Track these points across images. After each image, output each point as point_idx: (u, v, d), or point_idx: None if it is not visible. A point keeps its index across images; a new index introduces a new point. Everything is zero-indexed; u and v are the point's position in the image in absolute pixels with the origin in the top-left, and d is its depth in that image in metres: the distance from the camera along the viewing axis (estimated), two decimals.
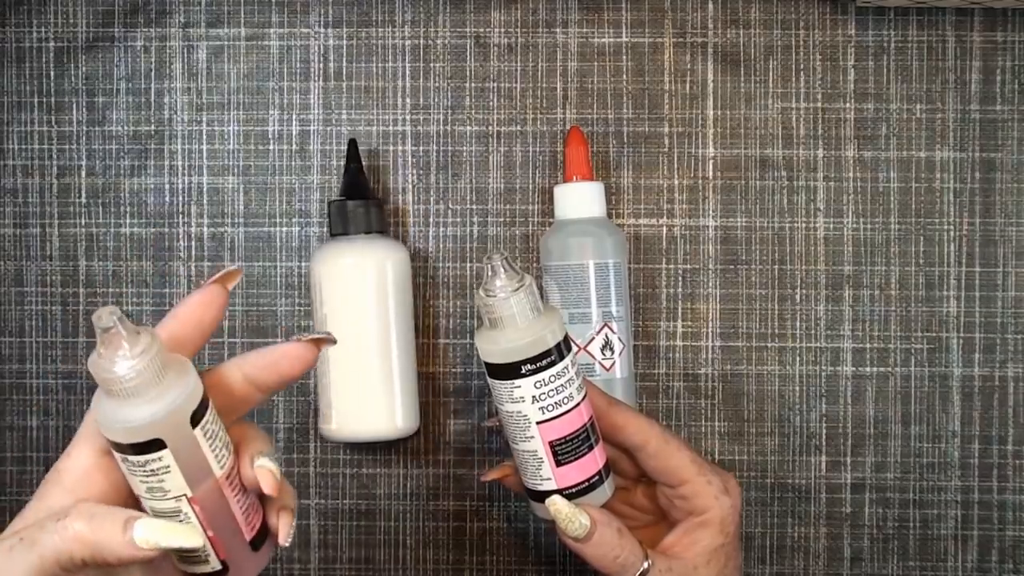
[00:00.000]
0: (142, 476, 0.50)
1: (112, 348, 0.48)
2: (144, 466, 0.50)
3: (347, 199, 0.73)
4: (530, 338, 0.59)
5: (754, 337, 0.77)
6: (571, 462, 0.62)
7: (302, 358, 0.54)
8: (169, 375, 0.49)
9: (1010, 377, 0.76)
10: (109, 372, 0.48)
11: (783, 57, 0.77)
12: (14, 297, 0.78)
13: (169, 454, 0.50)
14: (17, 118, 0.78)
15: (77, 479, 0.52)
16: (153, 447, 0.49)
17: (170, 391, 0.49)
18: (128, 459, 0.50)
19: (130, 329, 0.48)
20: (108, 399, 0.49)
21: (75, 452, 0.52)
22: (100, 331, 0.48)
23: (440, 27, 0.78)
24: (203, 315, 0.53)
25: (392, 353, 0.72)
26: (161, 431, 0.49)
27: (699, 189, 0.77)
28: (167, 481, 0.50)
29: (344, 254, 0.72)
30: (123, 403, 0.49)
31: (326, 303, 0.72)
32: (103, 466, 0.52)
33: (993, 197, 0.76)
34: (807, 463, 0.77)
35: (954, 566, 0.77)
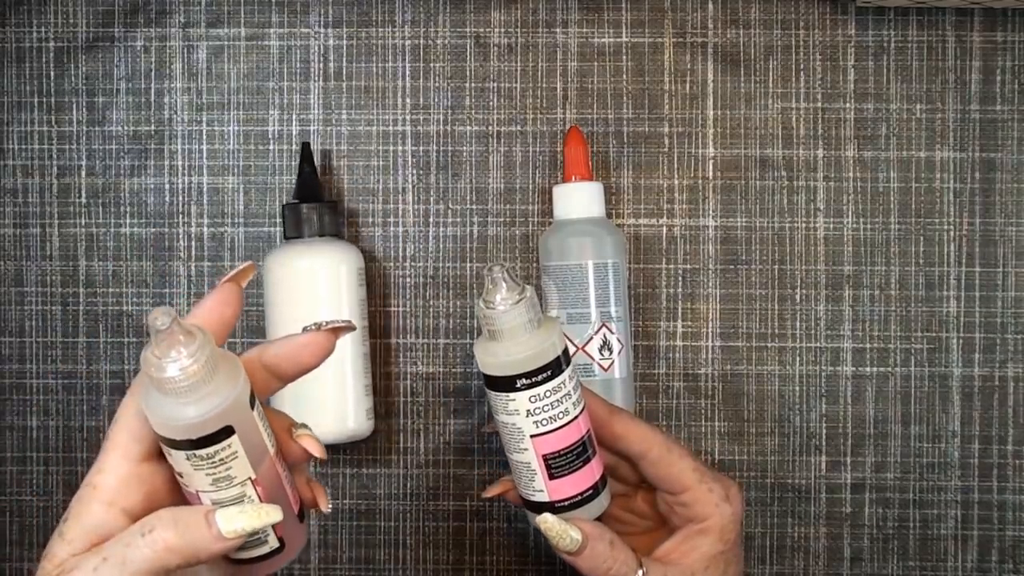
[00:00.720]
0: (208, 468, 0.51)
1: (169, 347, 0.49)
2: (212, 457, 0.51)
3: (301, 202, 0.74)
4: (528, 352, 0.59)
5: (754, 337, 0.77)
6: (565, 476, 0.61)
7: (321, 346, 0.55)
8: (222, 365, 0.50)
9: (1010, 377, 0.76)
10: (172, 371, 0.49)
11: (783, 57, 0.77)
12: (14, 297, 0.78)
13: (237, 439, 0.51)
14: (17, 118, 0.78)
15: (115, 491, 0.52)
16: (223, 435, 0.50)
17: (229, 379, 0.50)
18: (195, 454, 0.51)
19: (184, 328, 0.49)
20: (167, 400, 0.50)
21: (108, 465, 0.52)
22: (156, 332, 0.49)
23: (440, 27, 0.78)
24: (222, 313, 0.54)
25: (345, 355, 0.72)
26: (230, 418, 0.50)
27: (699, 189, 0.77)
28: (234, 467, 0.51)
29: (298, 257, 0.72)
30: (186, 399, 0.49)
31: (280, 305, 0.72)
32: (140, 474, 0.52)
33: (993, 197, 0.76)
34: (807, 463, 0.77)
35: (954, 566, 0.77)
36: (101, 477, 0.52)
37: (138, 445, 0.52)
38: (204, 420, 0.50)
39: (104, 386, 0.78)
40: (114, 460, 0.52)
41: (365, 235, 0.78)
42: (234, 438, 0.51)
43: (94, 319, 0.78)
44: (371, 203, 0.78)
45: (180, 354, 0.49)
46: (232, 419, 0.50)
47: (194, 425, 0.50)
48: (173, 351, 0.49)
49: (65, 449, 0.78)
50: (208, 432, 0.50)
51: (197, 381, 0.49)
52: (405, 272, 0.78)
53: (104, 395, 0.78)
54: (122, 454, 0.52)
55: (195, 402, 0.49)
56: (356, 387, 0.73)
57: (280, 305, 0.72)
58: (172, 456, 0.51)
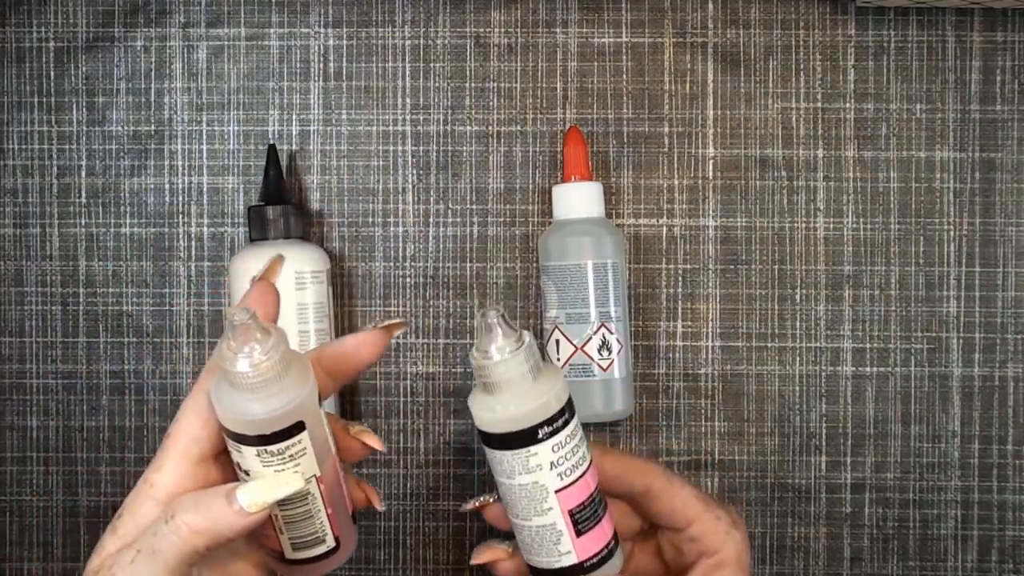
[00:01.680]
0: (278, 465, 0.51)
1: (245, 342, 0.50)
2: (283, 453, 0.51)
3: (266, 204, 0.74)
4: (539, 401, 0.54)
5: (754, 337, 0.77)
6: (590, 529, 0.57)
7: (376, 344, 0.55)
8: (295, 366, 0.51)
9: (1010, 377, 0.76)
10: (247, 365, 0.49)
11: (783, 57, 0.77)
12: (14, 297, 0.78)
13: (307, 436, 0.51)
14: (17, 118, 0.78)
15: (171, 490, 0.52)
16: (295, 431, 0.51)
17: (302, 376, 0.51)
18: (266, 450, 0.51)
19: (261, 325, 0.50)
20: (240, 395, 0.50)
21: (166, 465, 0.52)
22: (233, 327, 0.49)
23: (440, 27, 0.78)
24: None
25: None
26: (302, 414, 0.51)
27: (699, 189, 0.77)
28: (302, 464, 0.52)
29: (262, 259, 0.72)
30: (261, 395, 0.50)
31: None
32: (197, 475, 0.53)
33: (993, 197, 0.76)
34: (807, 463, 0.77)
35: (954, 566, 0.77)
36: (158, 475, 0.52)
37: (197, 446, 0.52)
38: (278, 415, 0.50)
39: (104, 386, 0.78)
40: (172, 459, 0.52)
41: (365, 235, 0.78)
42: (304, 434, 0.51)
43: (94, 319, 0.78)
44: (371, 203, 0.78)
45: (256, 349, 0.50)
46: (304, 415, 0.51)
47: (268, 420, 0.50)
48: (248, 346, 0.50)
49: (65, 449, 0.78)
50: (281, 427, 0.51)
51: (273, 376, 0.50)
52: (405, 272, 0.78)
53: (104, 395, 0.78)
54: (181, 453, 0.52)
55: (269, 397, 0.50)
56: None
57: None
58: (240, 452, 0.52)
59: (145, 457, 0.78)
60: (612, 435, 0.77)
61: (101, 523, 0.78)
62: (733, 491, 0.77)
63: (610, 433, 0.77)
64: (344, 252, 0.78)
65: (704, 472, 0.77)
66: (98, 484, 0.78)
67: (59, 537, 0.78)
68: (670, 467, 0.77)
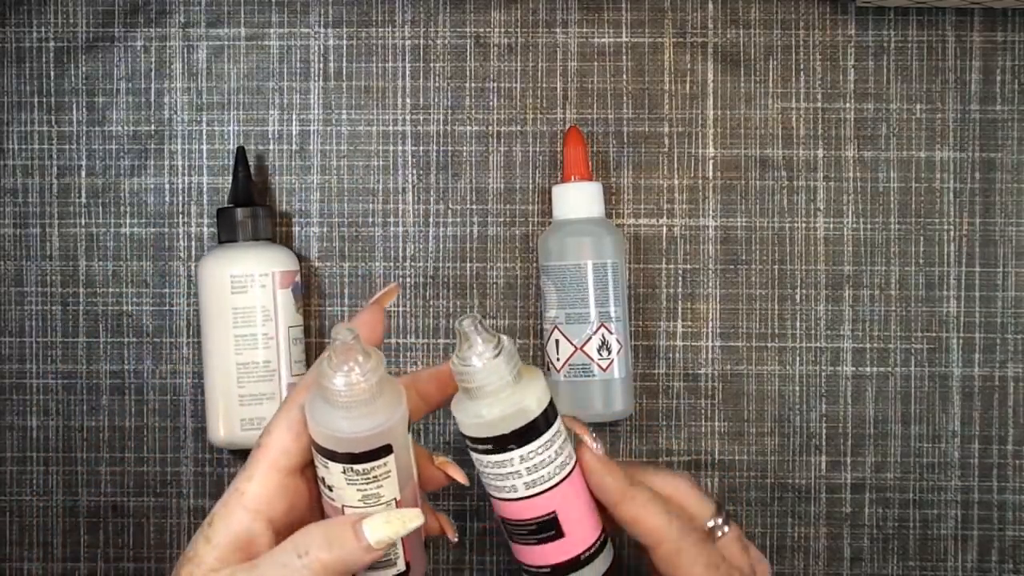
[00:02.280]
0: (361, 484, 0.53)
1: (345, 361, 0.51)
2: (368, 473, 0.52)
3: (235, 206, 0.74)
4: (512, 409, 0.55)
5: (754, 337, 0.77)
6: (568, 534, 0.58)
7: None
8: (389, 390, 0.52)
9: (1010, 377, 0.76)
10: (346, 384, 0.51)
11: (783, 57, 0.77)
12: (14, 297, 0.78)
13: (393, 459, 0.53)
14: (17, 118, 0.78)
15: (262, 500, 0.53)
16: (382, 453, 0.52)
17: (395, 399, 0.52)
18: (352, 468, 0.52)
19: (363, 347, 0.51)
20: (335, 412, 0.51)
21: (258, 475, 0.54)
22: (337, 345, 0.51)
23: (440, 27, 0.78)
24: (369, 334, 0.55)
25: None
26: (392, 436, 0.52)
27: (699, 189, 0.77)
28: (385, 486, 0.53)
29: (232, 261, 0.73)
30: (355, 413, 0.51)
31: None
32: (286, 486, 0.54)
33: (993, 197, 0.76)
34: (807, 463, 0.77)
35: (954, 566, 0.77)
36: (250, 485, 0.54)
37: (287, 458, 0.54)
38: (369, 435, 0.51)
39: (104, 386, 0.78)
40: (263, 469, 0.54)
41: (364, 235, 0.78)
42: (391, 457, 0.53)
43: (94, 319, 0.78)
44: (371, 203, 0.78)
45: (356, 370, 0.51)
46: (393, 438, 0.52)
47: (358, 439, 0.51)
48: (348, 365, 0.51)
49: (65, 449, 0.78)
50: (370, 448, 0.52)
51: (367, 397, 0.51)
52: (405, 272, 0.78)
53: (104, 395, 0.78)
54: (271, 464, 0.54)
55: (362, 417, 0.51)
56: (227, 397, 0.73)
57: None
58: (327, 468, 0.53)
59: (145, 457, 0.78)
60: (612, 435, 0.77)
61: (101, 523, 0.78)
62: (733, 491, 0.77)
63: (610, 433, 0.77)
64: (344, 252, 0.78)
65: (704, 472, 0.77)
66: (98, 484, 0.78)
67: (59, 537, 0.78)
68: (670, 468, 0.77)
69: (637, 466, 0.62)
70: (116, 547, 0.78)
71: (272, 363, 0.73)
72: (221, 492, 0.77)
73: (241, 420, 0.73)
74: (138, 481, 0.78)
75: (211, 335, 0.73)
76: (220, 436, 0.73)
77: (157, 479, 0.78)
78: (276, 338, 0.73)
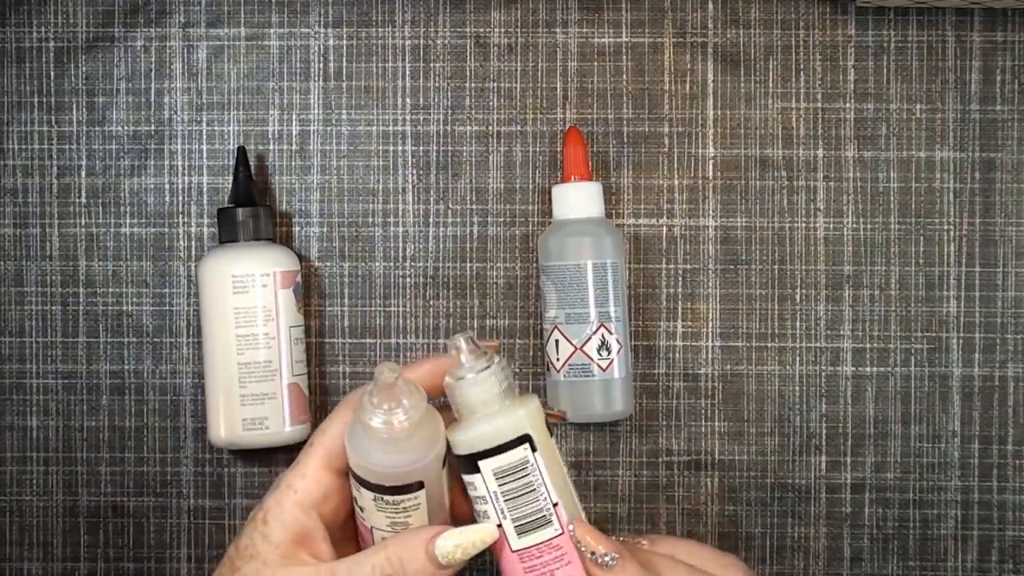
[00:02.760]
0: (390, 512, 0.54)
1: (387, 400, 0.52)
2: (397, 504, 0.54)
3: (236, 206, 0.74)
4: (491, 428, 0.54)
5: (754, 337, 0.77)
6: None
7: None
8: (428, 424, 0.53)
9: (1010, 377, 0.76)
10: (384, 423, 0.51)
11: (783, 57, 0.77)
12: (14, 297, 0.78)
13: (424, 494, 0.54)
14: (17, 118, 0.78)
15: (313, 497, 0.55)
16: (413, 488, 0.53)
17: (432, 438, 0.53)
18: (383, 498, 0.53)
19: (407, 387, 0.52)
20: (372, 444, 0.52)
21: (310, 472, 0.55)
22: (380, 384, 0.51)
23: (440, 27, 0.78)
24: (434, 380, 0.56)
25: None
26: (424, 474, 0.53)
27: (699, 189, 0.77)
28: (414, 517, 0.54)
29: (233, 261, 0.73)
30: (390, 449, 0.52)
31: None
32: (335, 485, 0.56)
33: (993, 197, 0.76)
34: (807, 463, 0.77)
35: (954, 566, 0.77)
36: (303, 483, 0.55)
37: (339, 460, 0.55)
38: (402, 472, 0.52)
39: (104, 386, 0.78)
40: (315, 468, 0.55)
41: (364, 235, 0.78)
42: (422, 492, 0.54)
43: (94, 319, 0.78)
44: (371, 203, 0.78)
45: (395, 410, 0.52)
46: (425, 475, 0.53)
47: (391, 474, 0.53)
48: (389, 404, 0.52)
49: (65, 449, 0.78)
50: (400, 484, 0.53)
51: (405, 437, 0.52)
52: (405, 272, 0.78)
53: (104, 395, 0.78)
54: (324, 464, 0.55)
55: (398, 453, 0.52)
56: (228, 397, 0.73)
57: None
58: (359, 491, 0.54)
59: (145, 457, 0.78)
60: (612, 435, 0.77)
61: (101, 523, 0.78)
62: (733, 491, 0.77)
63: (610, 433, 0.77)
64: (344, 252, 0.78)
65: (704, 472, 0.77)
66: (98, 484, 0.78)
67: (59, 537, 0.78)
68: (670, 468, 0.77)
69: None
70: (116, 547, 0.78)
71: (273, 363, 0.73)
72: (221, 492, 0.77)
73: (243, 420, 0.73)
74: (138, 481, 0.78)
75: (212, 335, 0.73)
76: (221, 436, 0.73)
77: (157, 479, 0.78)
78: (277, 338, 0.73)
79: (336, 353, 0.77)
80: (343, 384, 0.77)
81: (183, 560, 0.78)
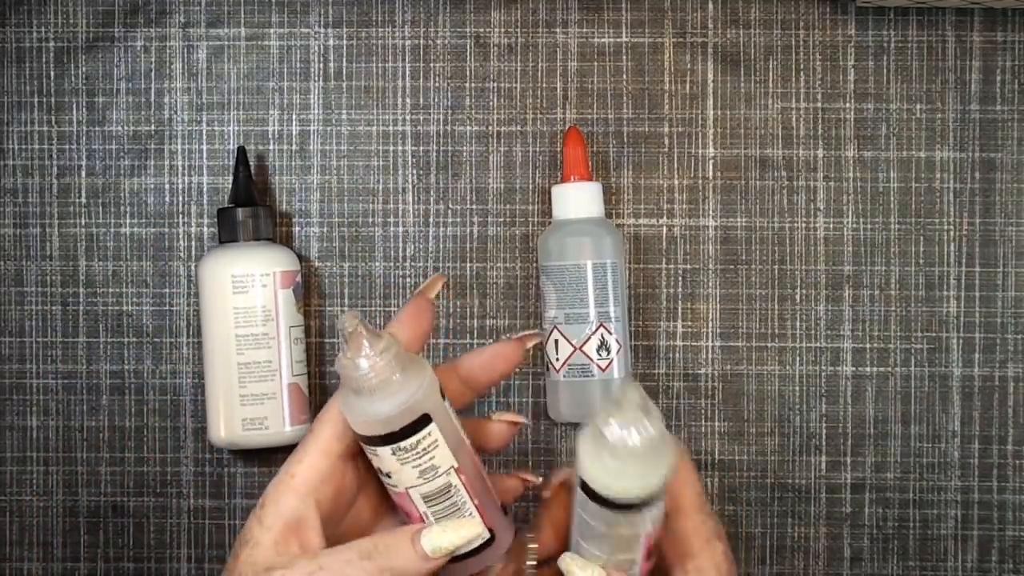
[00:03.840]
0: (414, 460, 0.54)
1: (358, 348, 0.52)
2: (416, 447, 0.54)
3: (236, 206, 0.74)
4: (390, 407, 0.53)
5: (754, 337, 0.77)
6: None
7: (511, 356, 0.58)
8: (410, 365, 0.54)
9: (1010, 377, 0.76)
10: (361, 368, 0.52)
11: (783, 57, 0.77)
12: (14, 297, 0.78)
13: (435, 427, 0.54)
14: (17, 118, 0.78)
15: (311, 484, 0.55)
16: (423, 423, 0.53)
17: (419, 373, 0.53)
18: (399, 447, 0.53)
19: (370, 330, 0.53)
20: (363, 400, 0.53)
21: (307, 458, 0.55)
22: (346, 334, 0.52)
23: (440, 27, 0.78)
24: (416, 325, 0.56)
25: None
26: (427, 406, 0.53)
27: (699, 189, 0.77)
28: (437, 456, 0.54)
29: (233, 261, 0.73)
30: (381, 395, 0.53)
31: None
32: (335, 471, 0.55)
33: (993, 197, 0.76)
34: (807, 463, 0.77)
35: (954, 566, 0.77)
36: (300, 468, 0.55)
37: (338, 443, 0.55)
38: (401, 411, 0.53)
39: (104, 386, 0.78)
40: (314, 454, 0.55)
41: (364, 235, 0.78)
42: (432, 426, 0.54)
43: (94, 319, 0.78)
44: (371, 203, 0.78)
45: (368, 353, 0.52)
46: (427, 408, 0.53)
47: (393, 417, 0.53)
48: (362, 351, 0.52)
49: (65, 449, 0.78)
50: (407, 422, 0.53)
51: (388, 375, 0.52)
52: (405, 272, 0.78)
53: (104, 395, 0.78)
54: (323, 449, 0.55)
55: (390, 395, 0.53)
56: (228, 397, 0.73)
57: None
58: (377, 455, 0.54)
59: (145, 457, 0.78)
60: None
61: (101, 523, 0.78)
62: (733, 491, 0.77)
63: None
64: (344, 252, 0.78)
65: (704, 472, 0.77)
66: (98, 484, 0.78)
67: (59, 537, 0.78)
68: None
69: None
70: (116, 547, 0.78)
71: (273, 363, 0.73)
72: (221, 492, 0.77)
73: (243, 420, 0.73)
74: (138, 481, 0.78)
75: (212, 335, 0.73)
76: (221, 436, 0.73)
77: (157, 479, 0.78)
78: (277, 338, 0.74)
79: (336, 353, 0.77)
80: None
81: (183, 560, 0.78)
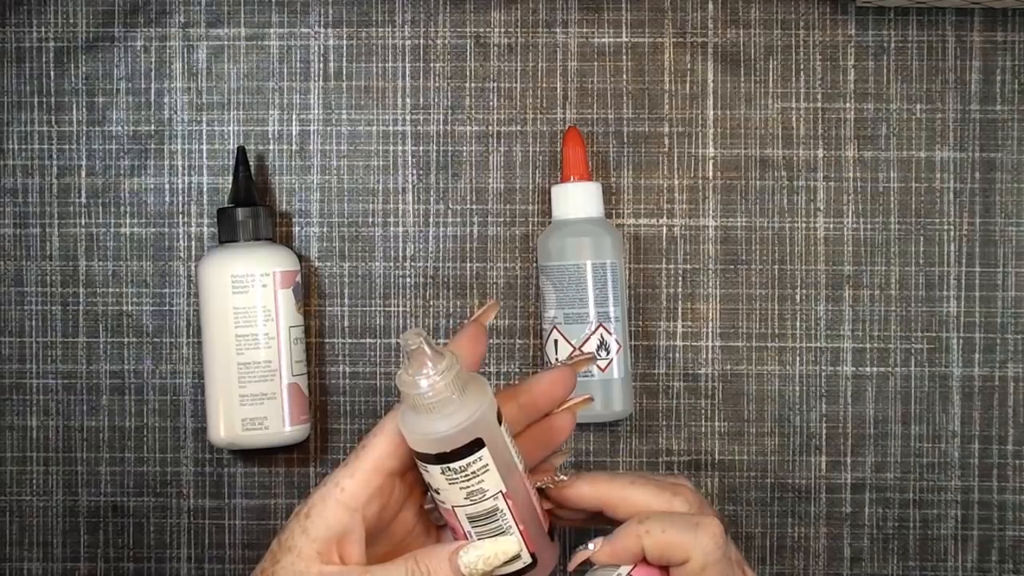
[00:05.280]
0: (463, 482, 0.55)
1: (420, 366, 0.53)
2: (466, 470, 0.54)
3: (236, 206, 0.74)
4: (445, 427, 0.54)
5: (754, 337, 0.77)
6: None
7: (567, 381, 0.60)
8: (471, 385, 0.54)
9: (1010, 377, 0.76)
10: (422, 387, 0.53)
11: (783, 57, 0.77)
12: (14, 297, 0.78)
13: (487, 452, 0.54)
14: (17, 118, 0.78)
15: (361, 499, 0.56)
16: (475, 447, 0.54)
17: (478, 396, 0.54)
18: (449, 468, 0.54)
19: (434, 348, 0.54)
20: (421, 417, 0.54)
21: (360, 473, 0.56)
22: (408, 352, 0.53)
23: (440, 27, 0.78)
24: (472, 351, 0.58)
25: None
26: (481, 430, 0.54)
27: (699, 189, 0.77)
28: (486, 480, 0.55)
29: (233, 261, 0.73)
30: (438, 415, 0.53)
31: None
32: (384, 488, 0.56)
33: (993, 197, 0.76)
34: (807, 463, 0.77)
35: (954, 566, 0.77)
36: (351, 483, 0.56)
37: (391, 460, 0.56)
38: (455, 433, 0.53)
39: (104, 386, 0.78)
40: (367, 469, 0.56)
41: (364, 235, 0.78)
42: (484, 451, 0.54)
43: (94, 319, 0.78)
44: (371, 203, 0.78)
45: (429, 371, 0.53)
46: (481, 432, 0.54)
47: (446, 438, 0.53)
48: (423, 369, 0.53)
49: (65, 449, 0.78)
50: (459, 445, 0.54)
51: (448, 396, 0.53)
52: (405, 272, 0.78)
53: (104, 395, 0.78)
54: (375, 465, 0.56)
55: (446, 416, 0.53)
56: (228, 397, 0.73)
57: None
58: (429, 472, 0.55)
59: (145, 457, 0.78)
60: (612, 435, 0.77)
61: (101, 523, 0.78)
62: (733, 491, 0.77)
63: (610, 433, 0.77)
64: (344, 252, 0.78)
65: (704, 472, 0.77)
66: (98, 484, 0.78)
67: (59, 537, 0.78)
68: (670, 468, 0.77)
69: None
70: (116, 547, 0.78)
71: (273, 363, 0.73)
72: (221, 492, 0.77)
73: (242, 420, 0.73)
74: (138, 481, 0.78)
75: (212, 335, 0.73)
76: (220, 436, 0.73)
77: (157, 479, 0.78)
78: (277, 338, 0.74)
79: (336, 353, 0.78)
80: (343, 384, 0.78)
81: (183, 560, 0.78)
